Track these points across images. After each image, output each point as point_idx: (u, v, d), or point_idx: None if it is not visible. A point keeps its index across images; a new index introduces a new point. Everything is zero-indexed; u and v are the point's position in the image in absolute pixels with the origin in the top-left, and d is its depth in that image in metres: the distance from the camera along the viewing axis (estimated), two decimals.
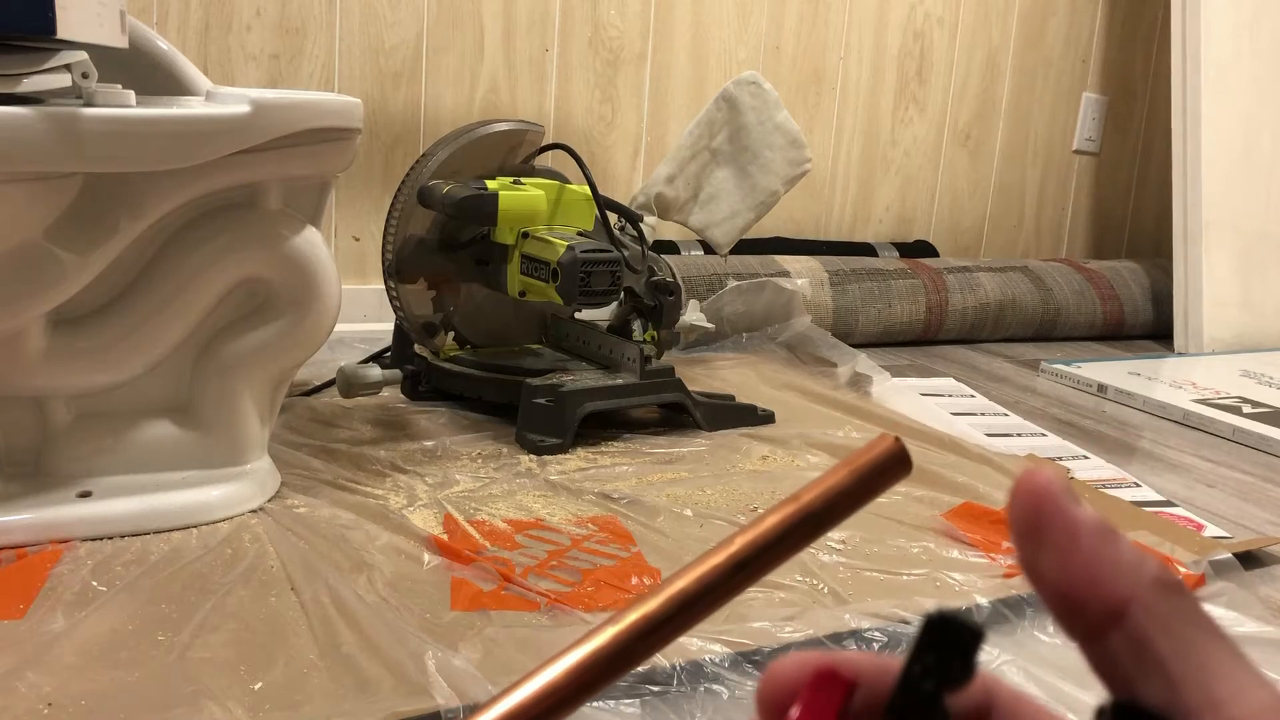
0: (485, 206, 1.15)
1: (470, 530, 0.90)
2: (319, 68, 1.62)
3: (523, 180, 1.22)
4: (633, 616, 0.26)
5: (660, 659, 0.69)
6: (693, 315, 1.47)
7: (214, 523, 0.88)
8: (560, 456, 1.11)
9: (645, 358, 1.21)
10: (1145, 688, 0.21)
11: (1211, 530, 1.04)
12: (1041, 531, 0.23)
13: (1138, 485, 1.17)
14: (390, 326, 1.32)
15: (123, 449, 0.90)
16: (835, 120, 2.07)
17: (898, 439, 0.27)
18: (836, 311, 1.78)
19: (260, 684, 0.66)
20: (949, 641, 0.23)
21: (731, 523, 0.95)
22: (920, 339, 1.90)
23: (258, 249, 0.89)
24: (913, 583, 0.86)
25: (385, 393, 1.26)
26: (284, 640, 0.71)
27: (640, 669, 0.68)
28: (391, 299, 1.24)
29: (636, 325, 1.27)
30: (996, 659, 0.73)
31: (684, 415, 1.25)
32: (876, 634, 0.75)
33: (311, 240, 0.91)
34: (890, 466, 0.27)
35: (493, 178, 1.20)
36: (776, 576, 0.84)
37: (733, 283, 1.66)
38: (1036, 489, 0.24)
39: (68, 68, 0.76)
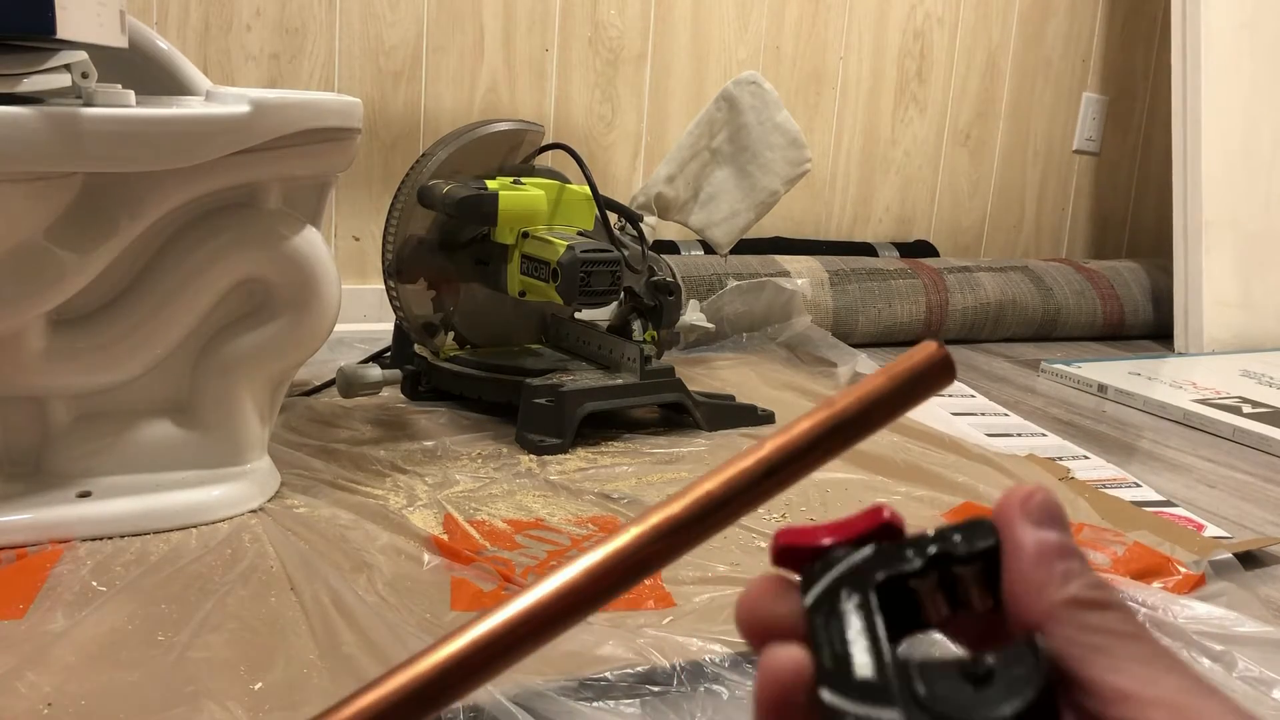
0: (485, 206, 1.15)
1: (470, 530, 0.90)
2: (319, 68, 1.62)
3: (523, 180, 1.22)
4: (656, 518, 0.25)
5: (660, 659, 0.69)
6: (693, 315, 1.47)
7: (214, 523, 0.88)
8: (560, 456, 1.11)
9: (645, 358, 1.21)
10: (1068, 698, 0.22)
11: (1212, 530, 1.04)
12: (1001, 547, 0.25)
13: (1138, 485, 1.17)
14: (390, 326, 1.32)
15: (123, 449, 0.90)
16: (835, 120, 2.07)
17: (941, 344, 0.26)
18: (836, 311, 1.78)
19: (260, 684, 0.66)
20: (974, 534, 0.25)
21: None
22: (920, 339, 1.89)
23: (257, 249, 0.89)
24: None
25: (385, 393, 1.26)
26: (284, 640, 0.71)
27: (640, 668, 0.68)
28: (391, 299, 1.24)
29: (636, 325, 1.27)
30: None
31: (684, 415, 1.25)
32: None
33: (311, 240, 0.91)
34: (931, 373, 0.26)
35: (493, 178, 1.20)
36: None
37: (733, 283, 1.66)
38: (1005, 505, 0.25)
39: (68, 68, 0.76)
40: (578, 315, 1.36)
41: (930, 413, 1.38)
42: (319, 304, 0.92)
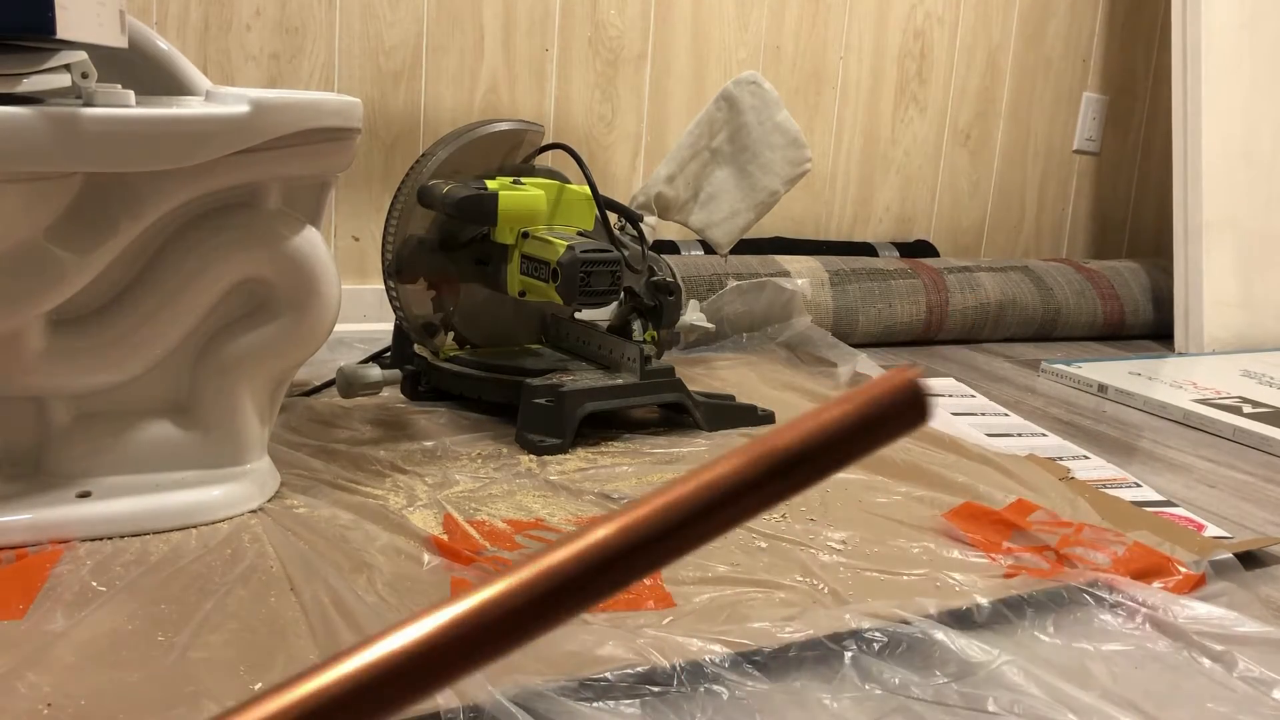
0: (485, 206, 1.15)
1: (470, 530, 0.90)
2: (319, 67, 1.62)
3: (523, 180, 1.22)
4: (526, 572, 0.21)
5: (660, 659, 0.69)
6: (693, 315, 1.47)
7: (214, 523, 0.88)
8: (560, 456, 1.11)
9: (645, 358, 1.21)
10: None
11: (1212, 530, 1.04)
12: None
13: (1138, 485, 1.17)
14: (390, 326, 1.32)
15: (123, 449, 0.90)
16: (835, 120, 2.07)
17: (914, 372, 0.19)
18: (836, 311, 1.78)
19: (260, 684, 0.66)
20: None
21: None
22: (920, 339, 1.90)
23: (257, 249, 0.89)
24: (913, 583, 0.86)
25: (385, 393, 1.26)
26: (284, 640, 0.71)
27: (640, 669, 0.68)
28: (391, 299, 1.24)
29: (636, 325, 1.27)
30: (997, 659, 0.73)
31: (684, 415, 1.25)
32: (877, 634, 0.75)
33: (311, 240, 0.91)
34: (897, 409, 0.19)
35: (493, 178, 1.20)
36: (776, 576, 0.84)
37: (733, 283, 1.66)
38: None
39: (67, 68, 0.76)
40: (578, 315, 1.36)
41: None
42: (319, 304, 0.92)
